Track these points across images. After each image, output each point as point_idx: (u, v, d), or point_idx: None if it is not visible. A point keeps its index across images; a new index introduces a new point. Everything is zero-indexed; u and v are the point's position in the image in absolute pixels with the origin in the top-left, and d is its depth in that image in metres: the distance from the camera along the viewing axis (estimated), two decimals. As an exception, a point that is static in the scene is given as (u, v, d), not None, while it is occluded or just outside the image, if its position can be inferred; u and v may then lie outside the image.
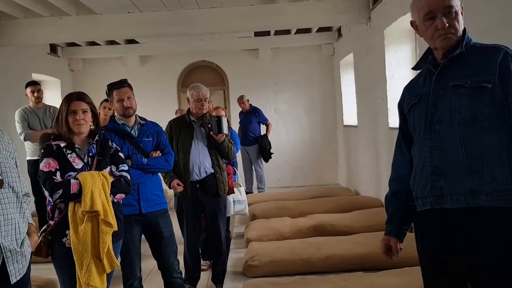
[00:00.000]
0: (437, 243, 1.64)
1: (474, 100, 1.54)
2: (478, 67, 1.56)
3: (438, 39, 1.61)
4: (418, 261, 2.97)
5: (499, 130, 1.52)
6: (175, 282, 2.96)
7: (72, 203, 2.24)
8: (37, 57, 6.66)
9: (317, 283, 2.82)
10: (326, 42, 7.67)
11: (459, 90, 1.56)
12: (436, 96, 1.63)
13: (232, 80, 8.15)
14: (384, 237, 1.86)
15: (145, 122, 2.99)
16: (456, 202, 1.56)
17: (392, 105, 4.58)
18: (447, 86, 1.60)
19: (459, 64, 1.60)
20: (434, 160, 1.60)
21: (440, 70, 1.64)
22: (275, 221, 4.24)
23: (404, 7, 4.03)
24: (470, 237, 1.54)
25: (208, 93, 3.52)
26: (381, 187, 5.09)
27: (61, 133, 2.35)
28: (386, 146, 4.80)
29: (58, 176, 2.26)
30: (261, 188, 7.10)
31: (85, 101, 2.38)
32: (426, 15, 1.62)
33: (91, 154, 2.38)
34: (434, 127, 1.62)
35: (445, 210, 1.59)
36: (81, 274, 2.21)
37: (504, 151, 1.50)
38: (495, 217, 1.50)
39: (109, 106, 4.85)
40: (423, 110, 1.67)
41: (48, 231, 2.28)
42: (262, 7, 5.30)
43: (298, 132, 8.13)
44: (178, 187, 3.33)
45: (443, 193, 1.58)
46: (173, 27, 5.37)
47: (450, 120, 1.58)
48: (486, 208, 1.51)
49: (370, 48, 5.21)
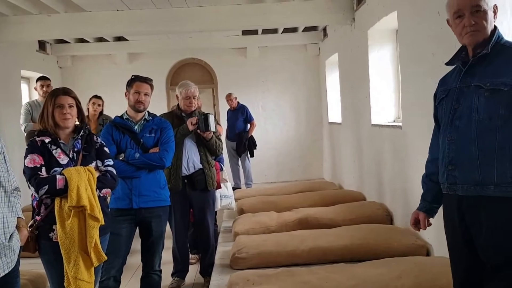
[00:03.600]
0: (456, 224, 1.79)
1: (491, 101, 1.65)
2: (501, 68, 1.66)
3: (465, 36, 1.74)
4: (396, 253, 3.16)
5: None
6: (151, 277, 2.99)
7: (58, 199, 2.23)
8: (25, 54, 6.63)
9: (302, 274, 2.88)
10: (312, 41, 7.78)
11: (479, 91, 1.69)
12: (460, 93, 1.76)
13: (220, 78, 8.21)
14: (415, 211, 2.04)
15: (152, 118, 2.98)
16: (466, 190, 1.72)
17: (375, 102, 4.72)
18: (471, 85, 1.73)
19: (485, 63, 1.71)
20: (451, 152, 1.76)
21: (467, 68, 1.76)
22: (262, 215, 4.32)
23: (387, 8, 4.15)
24: (478, 220, 1.69)
25: (196, 90, 3.56)
26: (363, 181, 5.22)
27: (46, 128, 2.34)
28: (368, 142, 4.92)
29: (44, 171, 2.24)
30: (249, 184, 7.18)
31: (71, 95, 2.38)
32: (455, 13, 1.76)
33: (76, 150, 2.37)
34: (455, 122, 1.76)
35: (459, 195, 1.75)
36: (69, 268, 2.21)
37: None
38: (503, 205, 1.64)
39: (98, 102, 4.93)
40: (448, 105, 1.81)
41: (35, 226, 2.27)
42: (250, 6, 5.38)
43: (285, 129, 8.25)
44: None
45: (456, 181, 1.75)
46: (161, 25, 5.40)
47: (468, 117, 1.71)
48: (495, 198, 1.65)
49: (354, 48, 5.32)
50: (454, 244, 1.85)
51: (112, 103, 5.71)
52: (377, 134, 4.59)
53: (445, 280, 2.49)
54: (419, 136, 3.40)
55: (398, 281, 2.61)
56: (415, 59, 3.52)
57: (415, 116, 3.54)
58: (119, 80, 5.52)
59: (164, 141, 2.93)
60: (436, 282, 2.55)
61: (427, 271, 2.67)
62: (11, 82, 6.22)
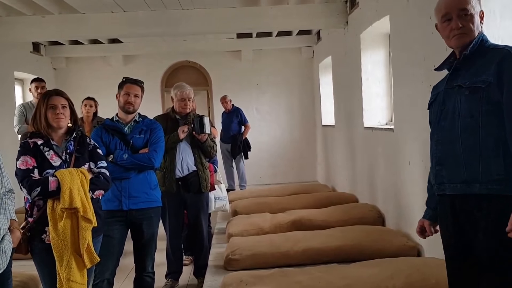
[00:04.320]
0: (449, 224, 1.81)
1: (471, 99, 1.68)
2: (481, 68, 1.69)
3: (453, 39, 1.78)
4: (388, 254, 3.19)
5: (496, 125, 1.63)
6: (144, 279, 2.99)
7: (51, 200, 2.23)
8: (19, 55, 6.61)
9: (295, 275, 2.89)
10: (306, 45, 7.84)
11: (461, 90, 1.72)
12: (446, 95, 1.80)
13: (215, 80, 8.24)
14: (420, 220, 2.06)
15: (142, 120, 2.99)
16: (453, 189, 1.74)
17: (367, 105, 4.76)
18: (455, 86, 1.77)
19: (468, 65, 1.75)
20: (438, 152, 1.79)
21: (452, 71, 1.81)
22: (256, 216, 4.33)
23: (379, 13, 4.20)
24: (471, 220, 1.70)
25: (191, 92, 3.56)
26: (356, 184, 5.26)
27: (39, 130, 2.33)
28: (361, 145, 4.96)
29: (36, 173, 2.24)
30: (243, 185, 7.21)
31: (64, 96, 2.39)
32: (443, 17, 1.80)
33: (69, 151, 2.37)
34: (441, 123, 1.79)
35: (450, 196, 1.76)
36: (61, 270, 2.21)
37: (501, 144, 1.62)
38: (492, 202, 1.64)
39: (90, 103, 4.93)
40: (436, 108, 1.85)
41: (27, 228, 2.26)
42: (244, 10, 5.42)
43: (279, 132, 8.29)
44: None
45: (444, 181, 1.77)
46: (156, 27, 5.41)
47: (452, 117, 1.74)
48: (484, 195, 1.65)
49: (347, 52, 5.37)
50: (449, 245, 1.86)
51: (107, 105, 5.69)
52: (369, 137, 4.64)
53: (435, 280, 2.54)
54: (411, 139, 3.44)
55: (389, 281, 2.65)
56: (407, 63, 3.57)
57: (407, 119, 3.59)
58: (113, 82, 5.44)
59: (153, 141, 2.92)
60: (426, 282, 2.58)
61: (418, 272, 2.70)
62: (5, 83, 6.20)
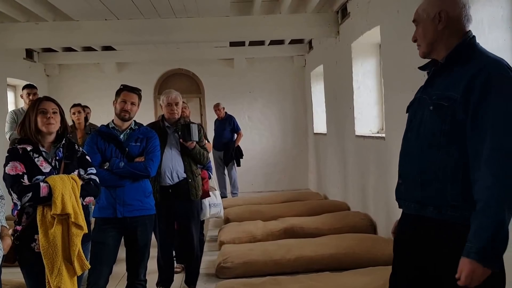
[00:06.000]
0: (405, 243, 1.69)
1: (435, 115, 1.53)
2: (455, 80, 1.52)
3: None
4: (380, 262, 3.20)
5: (458, 147, 1.48)
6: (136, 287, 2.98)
7: (41, 207, 2.20)
8: (12, 61, 6.57)
9: (287, 283, 2.90)
10: (298, 53, 7.90)
11: (427, 103, 1.58)
12: (419, 104, 1.65)
13: (208, 88, 8.27)
14: (397, 220, 1.87)
15: (138, 128, 2.99)
16: (408, 207, 1.64)
17: (359, 114, 4.81)
18: (425, 96, 1.62)
19: (446, 73, 1.58)
20: (401, 165, 1.68)
21: (429, 78, 1.66)
22: (248, 224, 4.34)
23: (370, 23, 4.27)
24: (423, 242, 1.58)
25: (178, 97, 3.53)
26: (347, 192, 5.29)
27: (28, 136, 2.31)
28: (352, 153, 5.00)
29: (26, 179, 2.21)
30: (235, 193, 7.21)
31: (55, 102, 2.39)
32: None
33: (58, 158, 2.35)
34: (407, 134, 1.67)
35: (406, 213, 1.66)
36: (52, 278, 2.17)
37: (460, 168, 1.48)
38: (444, 230, 1.52)
39: (78, 109, 4.90)
40: (409, 115, 1.72)
41: (16, 236, 2.22)
42: (237, 18, 5.47)
43: (271, 140, 8.32)
44: None
45: (401, 196, 1.68)
46: (149, 35, 5.44)
47: (417, 131, 1.60)
48: (435, 219, 1.53)
49: (338, 61, 5.43)
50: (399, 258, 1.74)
51: (100, 112, 5.71)
52: (361, 145, 4.68)
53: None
54: (402, 147, 3.48)
55: (381, 289, 2.66)
56: (398, 72, 3.62)
57: (398, 127, 3.62)
58: (107, 89, 5.52)
59: (149, 150, 2.92)
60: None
61: (408, 279, 2.72)
62: (-3, 89, 6.17)
